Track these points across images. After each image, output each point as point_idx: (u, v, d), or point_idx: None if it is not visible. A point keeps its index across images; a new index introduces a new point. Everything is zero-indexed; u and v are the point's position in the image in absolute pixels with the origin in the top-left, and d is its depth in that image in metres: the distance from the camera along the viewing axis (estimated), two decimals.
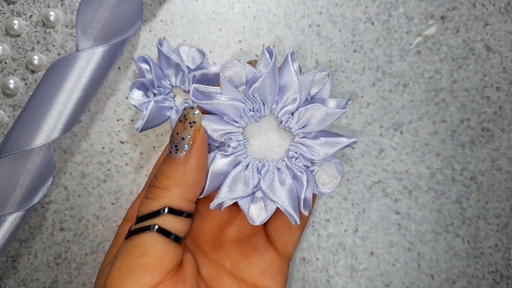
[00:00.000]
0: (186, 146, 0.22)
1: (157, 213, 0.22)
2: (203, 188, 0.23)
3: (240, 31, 0.33)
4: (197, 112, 0.22)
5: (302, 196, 0.23)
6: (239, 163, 0.23)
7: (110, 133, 0.33)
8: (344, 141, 0.23)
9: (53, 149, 0.32)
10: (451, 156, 0.33)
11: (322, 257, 0.33)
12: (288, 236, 0.27)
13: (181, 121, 0.23)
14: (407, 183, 0.33)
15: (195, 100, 0.23)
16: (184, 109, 0.23)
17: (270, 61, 0.22)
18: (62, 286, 0.34)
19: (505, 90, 0.32)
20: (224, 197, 0.23)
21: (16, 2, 0.32)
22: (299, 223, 0.23)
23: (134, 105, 0.30)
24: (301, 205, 0.23)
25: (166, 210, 0.22)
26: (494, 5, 0.32)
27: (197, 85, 0.23)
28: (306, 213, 0.23)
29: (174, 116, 0.31)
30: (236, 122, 0.23)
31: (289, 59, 0.23)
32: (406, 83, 0.33)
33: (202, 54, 0.32)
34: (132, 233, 0.22)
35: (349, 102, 0.23)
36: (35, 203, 0.31)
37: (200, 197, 0.23)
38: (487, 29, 0.32)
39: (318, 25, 0.32)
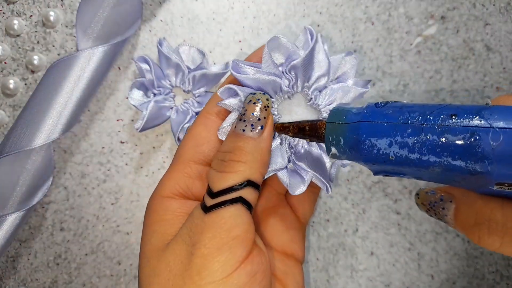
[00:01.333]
0: (261, 126, 0.24)
1: (237, 186, 0.23)
2: None
3: (240, 31, 0.33)
4: (268, 97, 0.24)
5: (329, 168, 0.25)
6: (275, 137, 0.25)
7: (110, 133, 0.33)
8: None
9: (53, 149, 0.32)
10: None
11: (322, 257, 0.33)
12: (308, 205, 0.30)
13: (254, 103, 0.24)
14: (407, 183, 0.33)
15: (236, 74, 0.24)
16: (254, 93, 0.24)
17: (310, 42, 0.24)
18: (62, 286, 0.34)
19: (505, 90, 0.32)
20: (270, 169, 0.24)
21: (16, 2, 0.32)
22: (330, 191, 0.25)
23: (134, 105, 0.30)
24: (329, 176, 0.25)
25: (247, 182, 0.23)
26: (494, 5, 0.32)
27: (237, 59, 0.25)
28: (330, 183, 0.25)
29: (174, 116, 0.31)
30: (272, 97, 0.25)
31: (320, 40, 0.24)
32: (406, 83, 0.33)
33: (202, 54, 0.32)
34: (212, 207, 0.22)
35: (370, 83, 0.26)
36: (35, 203, 0.31)
37: None
38: (487, 29, 0.32)
39: (318, 25, 0.32)
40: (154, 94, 0.31)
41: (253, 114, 0.24)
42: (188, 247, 0.22)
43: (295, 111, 0.26)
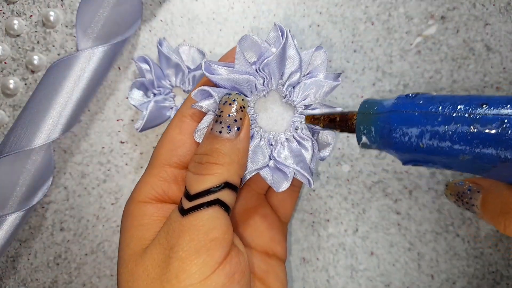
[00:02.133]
0: (238, 127, 0.24)
1: (214, 189, 0.23)
2: None
3: (240, 31, 0.33)
4: (244, 97, 0.24)
5: (309, 162, 0.25)
6: (253, 136, 0.25)
7: (110, 133, 0.33)
8: (339, 110, 0.26)
9: (53, 149, 0.32)
10: None
11: (322, 257, 0.33)
12: (289, 203, 0.30)
13: (230, 104, 0.24)
14: (407, 183, 0.33)
15: (208, 75, 0.24)
16: (230, 94, 0.24)
17: (281, 39, 0.24)
18: (62, 286, 0.34)
19: (505, 90, 0.32)
20: (249, 168, 0.24)
21: (16, 2, 0.32)
22: (313, 185, 0.25)
23: (134, 105, 0.30)
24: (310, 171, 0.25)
25: (224, 185, 0.23)
26: (494, 5, 0.32)
27: (209, 60, 0.24)
28: (311, 177, 0.25)
29: (174, 116, 0.31)
30: (247, 96, 0.25)
31: (290, 36, 0.24)
32: (406, 83, 0.33)
33: (202, 54, 0.32)
34: (189, 210, 0.22)
35: (340, 75, 0.26)
36: (35, 203, 0.31)
37: None
38: (487, 29, 0.32)
39: (318, 25, 0.32)
40: (154, 94, 0.31)
41: (229, 116, 0.24)
42: (166, 251, 0.22)
43: (271, 108, 0.26)
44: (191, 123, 0.26)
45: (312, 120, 0.25)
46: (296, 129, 0.26)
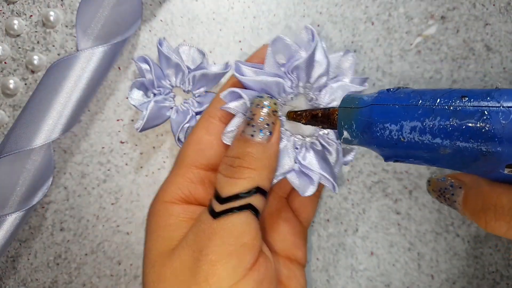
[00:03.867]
0: (270, 131, 0.23)
1: (246, 193, 0.22)
2: None
3: (240, 31, 0.33)
4: (276, 102, 0.24)
5: (334, 167, 0.25)
6: (280, 139, 0.25)
7: (110, 133, 0.33)
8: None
9: (53, 149, 0.32)
10: None
11: (322, 257, 0.33)
12: (311, 207, 0.29)
13: (262, 107, 0.24)
14: (407, 183, 0.33)
15: (238, 76, 0.24)
16: (262, 97, 0.24)
17: (312, 42, 0.24)
18: (62, 286, 0.34)
19: None
20: (278, 173, 0.24)
21: (16, 2, 0.32)
22: (338, 191, 0.25)
23: (134, 105, 0.30)
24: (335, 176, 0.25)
25: (255, 190, 0.23)
26: (494, 5, 0.32)
27: (240, 60, 0.24)
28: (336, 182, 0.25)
29: (174, 116, 0.31)
30: (276, 99, 0.25)
31: (317, 39, 0.24)
32: (406, 83, 0.33)
33: (202, 54, 0.32)
34: (220, 213, 0.22)
35: (366, 80, 0.26)
36: (35, 203, 0.31)
37: None
38: (487, 29, 0.32)
39: (318, 25, 0.32)
40: (154, 94, 0.31)
41: (261, 119, 0.23)
42: (195, 253, 0.22)
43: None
44: (218, 125, 0.25)
45: (294, 116, 0.25)
46: (323, 134, 0.25)
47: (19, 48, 0.33)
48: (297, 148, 0.25)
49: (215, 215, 0.22)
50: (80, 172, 0.33)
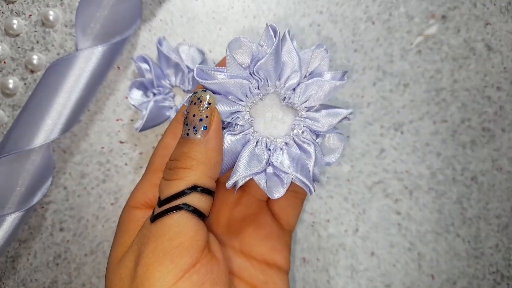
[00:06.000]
0: (204, 126, 0.23)
1: (183, 193, 0.22)
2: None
3: (240, 30, 0.32)
4: (210, 93, 0.23)
5: (311, 168, 0.24)
6: (249, 141, 0.24)
7: (110, 133, 0.33)
8: (344, 111, 0.24)
9: (52, 149, 0.32)
10: (451, 156, 0.33)
11: (323, 257, 0.33)
12: (292, 211, 0.28)
13: (195, 103, 0.23)
14: (407, 183, 0.33)
15: (200, 80, 0.23)
16: (195, 92, 0.23)
17: (274, 39, 0.23)
18: (62, 287, 0.34)
19: (506, 90, 0.32)
20: (241, 174, 0.23)
21: (15, 1, 0.32)
22: (314, 192, 0.23)
23: (133, 105, 0.30)
24: (311, 177, 0.24)
25: (192, 188, 0.22)
26: (495, 4, 0.32)
27: (201, 65, 0.23)
28: (315, 185, 0.24)
29: (173, 115, 0.31)
30: (241, 101, 0.24)
31: (287, 37, 0.24)
32: (406, 82, 0.33)
33: (202, 53, 0.32)
34: (157, 216, 0.22)
35: (346, 74, 0.24)
36: (34, 203, 0.31)
37: None
38: (488, 29, 0.32)
39: (319, 25, 0.32)
40: (154, 94, 0.31)
41: (194, 116, 0.23)
42: (136, 258, 0.21)
43: (270, 112, 0.25)
44: None
45: None
46: (297, 133, 0.25)
47: (19, 47, 0.32)
48: (270, 150, 0.24)
49: (152, 218, 0.22)
50: (79, 172, 0.33)
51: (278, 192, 0.23)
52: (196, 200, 0.22)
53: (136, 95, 0.31)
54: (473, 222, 0.33)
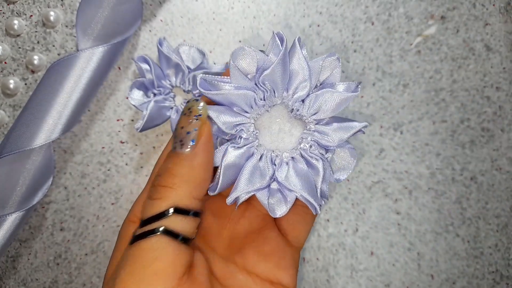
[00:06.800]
0: (192, 140, 0.21)
1: (163, 214, 0.20)
2: (217, 185, 0.22)
3: (240, 31, 0.33)
4: (202, 104, 0.21)
5: (319, 185, 0.22)
6: (253, 154, 0.23)
7: (110, 133, 0.33)
8: (357, 125, 0.23)
9: (53, 149, 0.32)
10: (451, 156, 0.33)
11: (322, 257, 0.33)
12: (302, 227, 0.26)
13: (185, 114, 0.21)
14: (407, 183, 0.33)
15: (203, 91, 0.22)
16: (188, 101, 0.22)
17: (281, 48, 0.21)
18: (62, 286, 0.34)
19: (505, 90, 0.32)
20: (242, 190, 0.22)
21: (16, 2, 0.32)
22: (319, 212, 0.22)
23: (134, 105, 0.30)
24: (318, 195, 0.22)
25: (173, 210, 0.20)
26: (494, 5, 0.32)
27: (205, 75, 0.22)
28: (323, 202, 0.22)
29: (174, 116, 0.31)
30: (247, 112, 0.23)
31: (297, 45, 0.22)
32: (406, 83, 0.33)
33: (202, 54, 0.32)
34: (137, 237, 0.20)
35: (359, 85, 0.23)
36: (35, 203, 0.31)
37: (214, 193, 0.22)
38: (487, 29, 0.32)
39: (318, 25, 0.32)
40: (154, 94, 0.31)
41: (182, 128, 0.21)
42: (115, 281, 0.20)
43: (277, 125, 0.24)
44: None
45: None
46: (306, 147, 0.23)
47: (19, 48, 0.33)
48: (275, 165, 0.23)
49: (132, 240, 0.21)
50: (80, 172, 0.33)
51: (280, 211, 0.22)
52: (176, 223, 0.20)
53: (137, 95, 0.31)
54: (472, 222, 0.33)
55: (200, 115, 0.21)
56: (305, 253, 0.33)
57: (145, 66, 0.31)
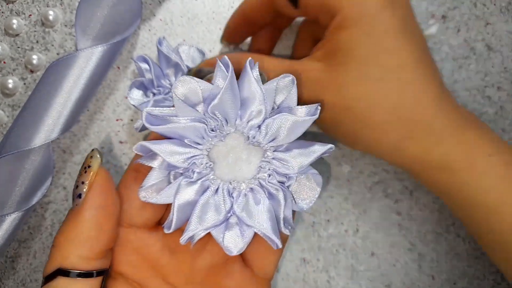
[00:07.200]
0: (79, 194, 0.20)
1: (51, 276, 0.19)
2: (171, 222, 0.21)
3: None
4: (93, 155, 0.20)
5: (281, 216, 0.21)
6: (208, 188, 0.21)
7: (109, 133, 0.33)
8: (319, 149, 0.21)
9: (52, 149, 0.32)
10: None
11: (323, 257, 0.33)
12: (267, 258, 0.24)
13: (81, 168, 0.20)
14: (408, 184, 0.33)
15: (150, 126, 0.20)
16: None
17: (227, 74, 0.20)
18: None
19: (506, 90, 0.32)
20: (195, 229, 0.20)
21: (15, 1, 0.32)
22: (280, 246, 0.21)
23: (133, 105, 0.30)
24: (281, 225, 0.21)
25: (57, 272, 0.19)
26: (495, 4, 0.32)
27: (150, 108, 0.21)
28: (287, 232, 0.21)
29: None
30: (199, 144, 0.21)
31: (248, 68, 0.21)
32: None
33: (202, 53, 0.32)
34: None
35: (319, 108, 0.21)
36: (34, 203, 0.30)
37: (169, 231, 0.21)
38: (488, 29, 0.32)
39: None
40: (154, 94, 0.31)
41: (76, 183, 0.20)
42: None
43: (234, 153, 0.22)
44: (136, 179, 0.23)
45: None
46: (264, 176, 0.22)
47: (18, 47, 0.32)
48: (233, 197, 0.21)
49: None
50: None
51: (237, 248, 0.21)
52: (60, 285, 0.19)
53: (136, 95, 0.31)
54: None
55: (89, 166, 0.20)
56: (306, 253, 0.33)
57: (144, 65, 0.31)
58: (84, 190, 0.20)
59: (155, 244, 0.23)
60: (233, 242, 0.21)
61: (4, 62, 0.33)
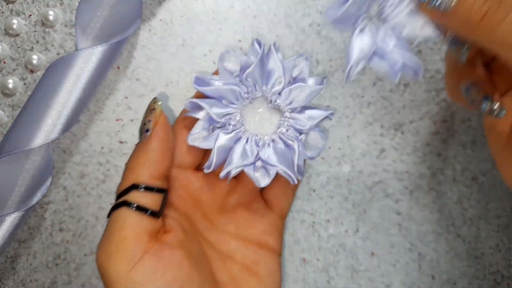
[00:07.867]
0: (146, 130, 0.26)
1: (126, 191, 0.25)
2: (211, 163, 0.26)
3: (240, 30, 0.32)
4: (156, 101, 0.26)
5: (295, 162, 0.27)
6: (240, 138, 0.27)
7: (109, 133, 0.33)
8: (323, 113, 0.28)
9: (52, 149, 0.32)
10: (452, 156, 0.33)
11: (323, 257, 0.33)
12: (284, 198, 0.31)
13: (146, 111, 0.26)
14: (408, 184, 0.33)
15: (197, 87, 0.26)
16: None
17: (259, 50, 0.27)
18: (61, 287, 0.34)
19: None
20: (235, 165, 0.26)
21: (15, 1, 0.32)
22: (296, 182, 0.27)
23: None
24: (295, 169, 0.27)
25: (132, 187, 0.25)
26: None
27: (198, 74, 0.27)
28: (299, 177, 0.27)
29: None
30: (234, 104, 0.27)
31: (273, 49, 0.28)
32: (407, 82, 0.33)
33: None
34: (112, 209, 0.25)
35: (325, 79, 0.28)
36: (34, 204, 0.31)
37: (209, 171, 0.27)
38: None
39: (319, 25, 0.32)
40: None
41: (142, 123, 0.26)
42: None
43: (259, 114, 0.29)
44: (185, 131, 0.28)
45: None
46: (282, 131, 0.28)
47: (18, 47, 0.32)
48: (258, 146, 0.27)
49: (108, 213, 0.26)
50: (79, 172, 0.33)
51: (264, 182, 0.27)
52: (137, 197, 0.25)
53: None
54: (473, 222, 0.33)
55: (154, 108, 0.26)
56: (306, 253, 0.33)
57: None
58: (151, 126, 0.26)
59: (196, 183, 0.28)
60: (261, 177, 0.27)
61: (4, 62, 0.33)
